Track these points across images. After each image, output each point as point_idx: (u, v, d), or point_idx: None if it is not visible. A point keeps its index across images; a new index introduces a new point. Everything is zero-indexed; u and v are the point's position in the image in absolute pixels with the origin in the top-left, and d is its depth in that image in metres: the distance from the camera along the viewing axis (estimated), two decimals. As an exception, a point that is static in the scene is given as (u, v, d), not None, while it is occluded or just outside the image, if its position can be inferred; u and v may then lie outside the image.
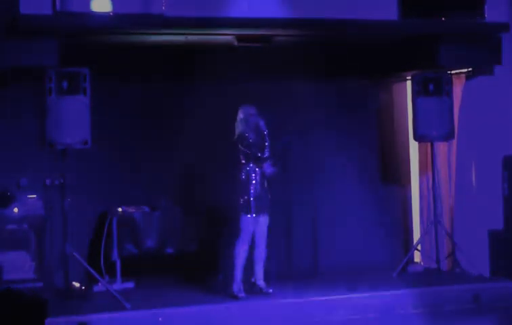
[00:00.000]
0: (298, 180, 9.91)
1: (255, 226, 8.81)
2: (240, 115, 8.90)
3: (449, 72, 9.99)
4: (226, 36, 9.10)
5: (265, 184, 8.86)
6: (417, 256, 10.54)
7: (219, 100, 9.97)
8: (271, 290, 8.84)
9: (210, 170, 9.96)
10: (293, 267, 9.75)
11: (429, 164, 10.32)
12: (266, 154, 8.80)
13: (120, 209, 9.47)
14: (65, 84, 8.56)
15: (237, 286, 8.77)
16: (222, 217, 9.83)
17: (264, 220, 8.85)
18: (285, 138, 9.06)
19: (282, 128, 9.49)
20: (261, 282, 8.90)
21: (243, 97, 9.37)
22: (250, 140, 8.81)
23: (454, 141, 10.13)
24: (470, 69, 10.09)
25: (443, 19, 9.29)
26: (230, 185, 8.88)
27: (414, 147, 10.78)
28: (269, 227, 8.89)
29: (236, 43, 9.17)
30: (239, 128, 8.89)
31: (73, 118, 8.59)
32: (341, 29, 9.18)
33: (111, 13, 8.40)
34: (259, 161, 8.79)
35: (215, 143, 9.95)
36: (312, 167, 10.21)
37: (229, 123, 9.77)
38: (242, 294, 8.73)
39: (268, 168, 8.81)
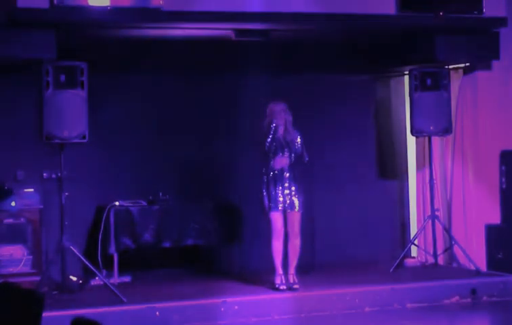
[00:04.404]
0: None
1: (284, 222, 8.81)
2: (267, 112, 8.87)
3: (446, 66, 9.99)
4: (224, 30, 9.10)
5: (289, 181, 8.83)
6: (414, 251, 10.55)
7: (220, 95, 9.99)
8: (297, 286, 8.82)
9: (209, 165, 9.97)
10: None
11: (426, 159, 10.33)
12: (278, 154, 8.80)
13: (117, 203, 9.46)
14: (62, 77, 8.54)
15: (279, 278, 8.80)
16: (221, 211, 9.85)
17: (291, 216, 8.85)
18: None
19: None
20: (289, 277, 8.90)
21: (246, 91, 9.41)
22: (268, 140, 8.76)
23: (451, 136, 10.13)
24: (468, 64, 10.09)
25: (441, 13, 9.28)
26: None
27: (411, 141, 10.78)
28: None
29: (234, 37, 9.16)
30: (263, 125, 8.88)
31: (71, 112, 8.58)
32: (339, 23, 9.17)
33: (108, 7, 8.38)
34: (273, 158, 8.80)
35: (215, 138, 9.97)
36: (310, 161, 10.20)
37: (231, 119, 9.81)
38: (283, 286, 8.76)
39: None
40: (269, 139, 8.75)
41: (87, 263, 8.74)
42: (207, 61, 9.84)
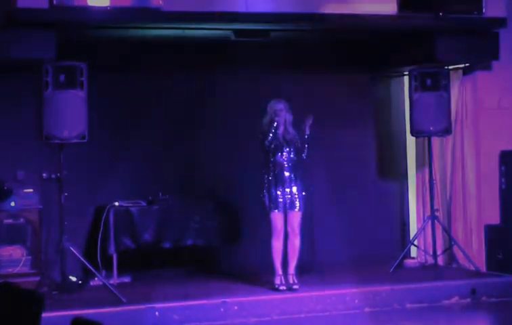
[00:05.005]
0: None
1: (284, 221, 8.81)
2: (268, 109, 8.88)
3: (446, 67, 9.99)
4: (224, 30, 9.10)
5: (289, 181, 8.83)
6: (414, 251, 10.54)
7: (220, 95, 9.98)
8: (296, 286, 8.81)
9: (209, 165, 9.97)
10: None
11: (426, 159, 10.32)
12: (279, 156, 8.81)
13: (117, 203, 9.46)
14: (62, 77, 8.54)
15: (278, 278, 8.80)
16: (221, 211, 9.84)
17: (291, 215, 8.85)
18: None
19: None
20: (288, 277, 8.89)
21: (245, 91, 9.48)
22: (269, 138, 8.76)
23: (451, 136, 10.13)
24: (467, 64, 10.09)
25: (441, 13, 9.28)
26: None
27: (411, 141, 10.78)
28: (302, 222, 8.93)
29: (233, 37, 9.16)
30: (263, 123, 8.88)
31: (70, 112, 8.58)
32: (340, 23, 9.17)
33: (108, 7, 8.37)
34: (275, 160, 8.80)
35: (215, 138, 9.96)
36: (309, 161, 10.20)
37: (231, 119, 9.81)
38: (283, 287, 8.76)
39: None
40: (269, 138, 8.75)
41: (86, 263, 8.74)
42: (207, 61, 9.83)
